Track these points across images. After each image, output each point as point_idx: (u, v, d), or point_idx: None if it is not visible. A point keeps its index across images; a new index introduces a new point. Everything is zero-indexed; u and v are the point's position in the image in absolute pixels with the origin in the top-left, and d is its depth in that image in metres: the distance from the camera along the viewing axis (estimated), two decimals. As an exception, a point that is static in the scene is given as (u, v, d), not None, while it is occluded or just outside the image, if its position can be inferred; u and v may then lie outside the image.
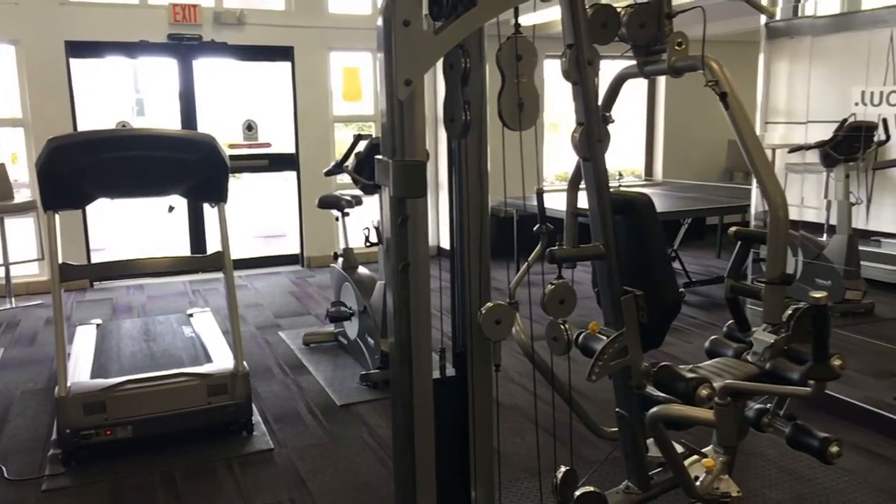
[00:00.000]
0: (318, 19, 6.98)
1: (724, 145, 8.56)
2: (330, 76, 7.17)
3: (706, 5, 2.20)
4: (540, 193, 2.25)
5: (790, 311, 2.30)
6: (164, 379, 3.23)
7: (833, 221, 5.32)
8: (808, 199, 6.07)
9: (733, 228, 2.13)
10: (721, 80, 1.89)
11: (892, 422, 3.14)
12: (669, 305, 2.12)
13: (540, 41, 1.90)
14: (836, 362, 2.15)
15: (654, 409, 1.94)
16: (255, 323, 5.28)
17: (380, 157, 1.84)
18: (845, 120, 5.09)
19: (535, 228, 2.24)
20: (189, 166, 3.15)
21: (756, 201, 5.34)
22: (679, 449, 2.40)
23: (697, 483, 2.15)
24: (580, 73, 1.97)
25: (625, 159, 8.72)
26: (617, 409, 2.26)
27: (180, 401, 3.18)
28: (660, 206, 6.98)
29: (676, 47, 2.00)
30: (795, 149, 5.73)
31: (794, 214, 5.98)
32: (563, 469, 2.17)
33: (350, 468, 3.02)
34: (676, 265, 6.18)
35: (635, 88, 8.47)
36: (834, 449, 2.21)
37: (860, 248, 5.30)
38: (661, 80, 8.15)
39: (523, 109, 1.89)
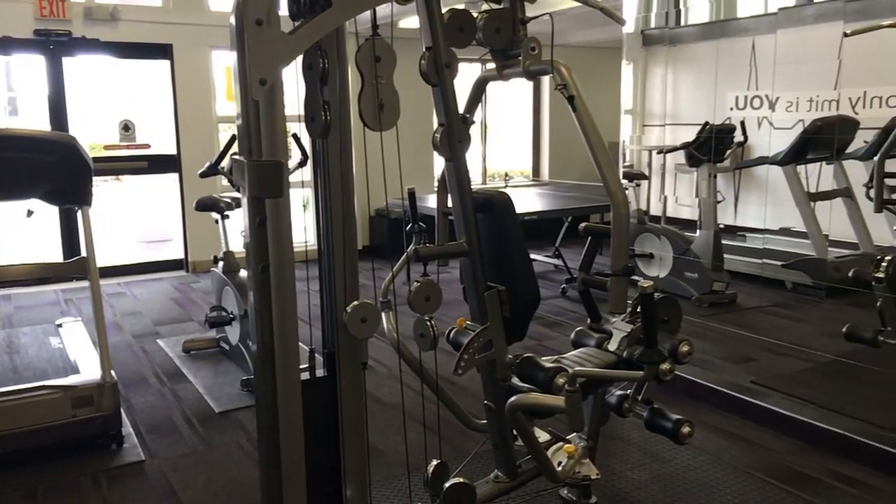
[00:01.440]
0: (198, 16, 6.77)
1: (613, 148, 8.95)
2: (212, 75, 6.96)
3: (567, 14, 2.31)
4: (411, 194, 2.28)
5: (645, 302, 2.45)
6: (24, 393, 3.04)
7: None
8: (683, 197, 6.46)
9: (583, 225, 2.24)
10: (569, 83, 1.99)
11: (748, 403, 3.39)
12: (529, 299, 2.20)
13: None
14: (685, 348, 2.30)
15: (511, 399, 2.01)
16: (132, 332, 5.06)
17: (237, 156, 1.82)
18: (706, 123, 5.45)
19: (407, 228, 2.27)
20: (46, 168, 2.99)
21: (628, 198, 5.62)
22: (546, 437, 2.51)
23: (559, 468, 2.25)
24: (439, 76, 2.03)
25: (514, 160, 8.95)
26: (485, 402, 2.33)
27: (42, 415, 3.01)
28: (544, 205, 7.22)
29: (530, 52, 2.08)
30: (668, 150, 6.09)
31: (671, 212, 6.39)
32: (434, 463, 2.22)
33: (225, 476, 2.95)
34: (559, 262, 6.40)
35: (523, 91, 8.72)
36: (685, 430, 2.37)
37: (730, 242, 5.69)
38: (545, 84, 8.43)
39: (384, 110, 1.92)
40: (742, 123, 5.63)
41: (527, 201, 7.33)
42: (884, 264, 3.31)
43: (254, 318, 1.85)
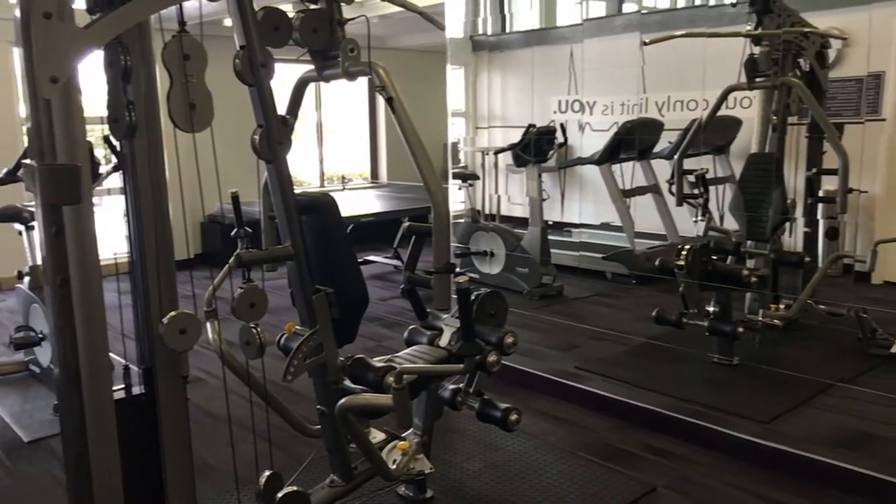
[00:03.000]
0: (-6, 8, 6.11)
1: (441, 148, 9.15)
2: (14, 73, 6.33)
3: (395, 17, 2.34)
4: (235, 197, 2.20)
5: (472, 297, 2.54)
6: None
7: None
8: (515, 196, 6.76)
9: (406, 224, 2.29)
10: (388, 85, 2.02)
11: (572, 388, 3.61)
12: (358, 300, 2.21)
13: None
14: (509, 340, 2.41)
15: (340, 401, 2.01)
16: (-79, 360, 4.47)
17: (27, 161, 1.66)
18: (531, 125, 5.74)
19: (232, 233, 2.19)
20: None
21: (454, 197, 5.83)
22: (382, 436, 2.53)
23: (394, 466, 2.27)
24: (254, 76, 1.98)
25: (352, 163, 8.91)
26: (318, 406, 2.31)
27: None
28: (382, 206, 7.26)
29: (349, 53, 2.09)
30: (497, 151, 6.34)
31: (506, 210, 6.66)
32: (266, 473, 2.16)
33: (37, 510, 2.70)
34: (398, 262, 6.46)
35: (360, 93, 8.69)
36: (513, 417, 2.48)
37: (556, 238, 6.03)
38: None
39: (195, 111, 1.84)
40: (562, 126, 5.98)
41: (365, 203, 7.34)
42: (684, 253, 3.66)
43: (54, 336, 1.70)
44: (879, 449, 2.87)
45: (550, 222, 6.12)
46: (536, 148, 5.66)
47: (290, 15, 2.08)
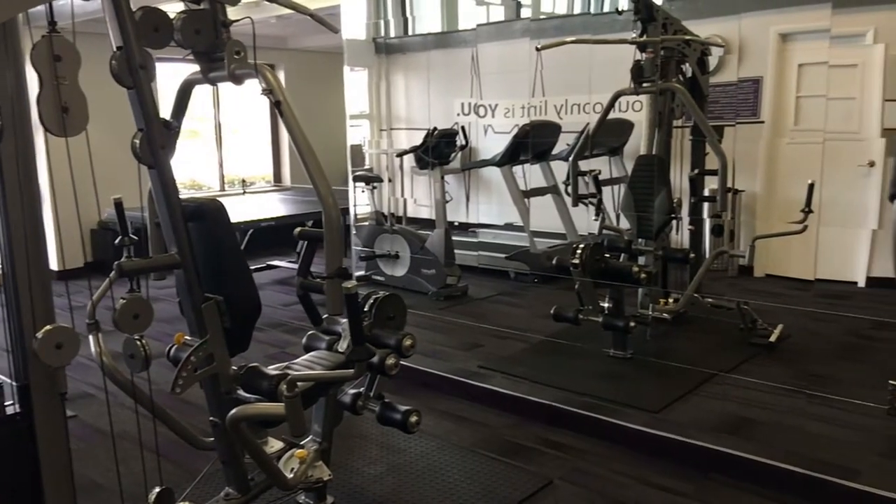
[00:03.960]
0: None
1: (346, 151, 9.10)
2: None
3: (297, 18, 2.31)
4: (118, 204, 2.11)
5: (371, 300, 2.54)
6: None
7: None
8: (422, 199, 6.79)
9: (297, 230, 2.26)
10: (275, 88, 1.99)
11: (474, 386, 3.67)
12: (250, 308, 2.16)
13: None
14: (408, 342, 2.42)
15: (231, 412, 1.97)
16: None
17: None
18: (434, 128, 5.78)
19: (116, 241, 2.10)
20: None
21: (359, 199, 5.81)
22: (280, 445, 2.48)
23: (292, 475, 2.24)
24: (133, 78, 1.91)
25: (255, 166, 8.70)
26: (211, 418, 2.24)
27: None
28: (285, 210, 7.13)
29: (235, 55, 2.04)
30: (400, 154, 6.35)
31: (415, 213, 6.68)
32: (156, 490, 2.09)
33: None
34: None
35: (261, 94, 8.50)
36: (413, 419, 2.50)
37: (463, 238, 6.10)
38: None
39: (69, 114, 1.75)
40: (463, 128, 6.07)
41: (267, 207, 7.19)
42: (578, 251, 3.79)
43: None
44: (758, 433, 3.07)
45: (457, 223, 6.19)
46: (438, 150, 5.71)
47: (172, 15, 2.01)
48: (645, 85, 3.91)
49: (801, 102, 5.00)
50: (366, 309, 2.49)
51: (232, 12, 2.14)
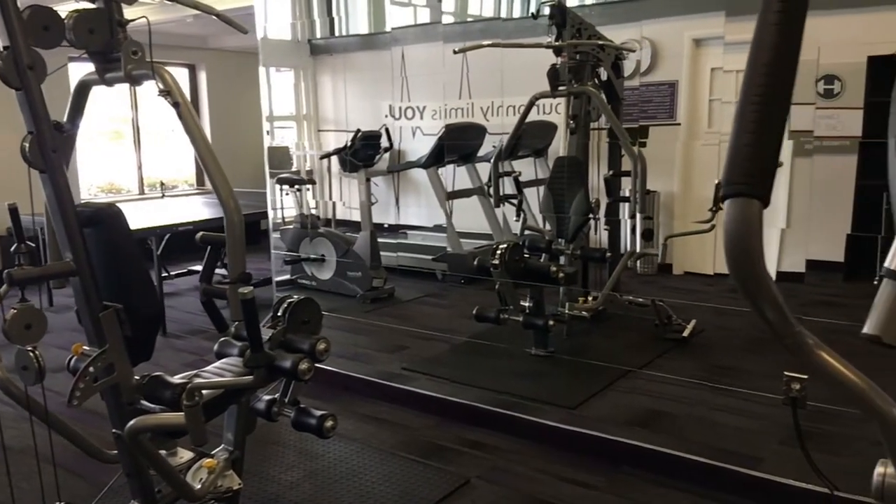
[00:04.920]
0: None
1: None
2: None
3: (211, 18, 2.25)
4: (13, 210, 2.02)
5: (285, 305, 2.51)
6: None
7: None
8: (352, 201, 6.74)
9: (200, 234, 2.22)
10: (173, 90, 1.94)
11: (396, 389, 3.67)
12: (151, 315, 2.11)
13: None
14: (321, 346, 2.40)
15: (130, 423, 1.91)
16: None
17: None
18: (358, 130, 5.76)
19: (12, 249, 2.01)
20: None
21: (272, 201, 5.74)
22: (189, 455, 2.42)
23: (199, 485, 2.19)
24: (21, 79, 1.83)
25: (178, 169, 8.47)
26: (114, 430, 2.17)
27: None
28: (208, 214, 6.95)
29: (132, 55, 1.98)
30: (324, 156, 6.30)
31: (346, 215, 6.63)
32: (55, 506, 2.01)
33: None
34: (224, 271, 6.22)
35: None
36: (329, 424, 2.47)
37: (391, 240, 6.08)
38: (205, 89, 8.12)
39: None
40: (387, 129, 6.06)
41: (189, 211, 7.00)
42: (498, 252, 3.83)
43: None
44: (667, 425, 3.17)
45: (386, 225, 6.17)
46: (362, 152, 5.68)
47: (64, 14, 1.94)
48: (561, 88, 3.99)
49: (714, 105, 5.19)
50: (279, 314, 2.46)
51: (132, 11, 2.08)
